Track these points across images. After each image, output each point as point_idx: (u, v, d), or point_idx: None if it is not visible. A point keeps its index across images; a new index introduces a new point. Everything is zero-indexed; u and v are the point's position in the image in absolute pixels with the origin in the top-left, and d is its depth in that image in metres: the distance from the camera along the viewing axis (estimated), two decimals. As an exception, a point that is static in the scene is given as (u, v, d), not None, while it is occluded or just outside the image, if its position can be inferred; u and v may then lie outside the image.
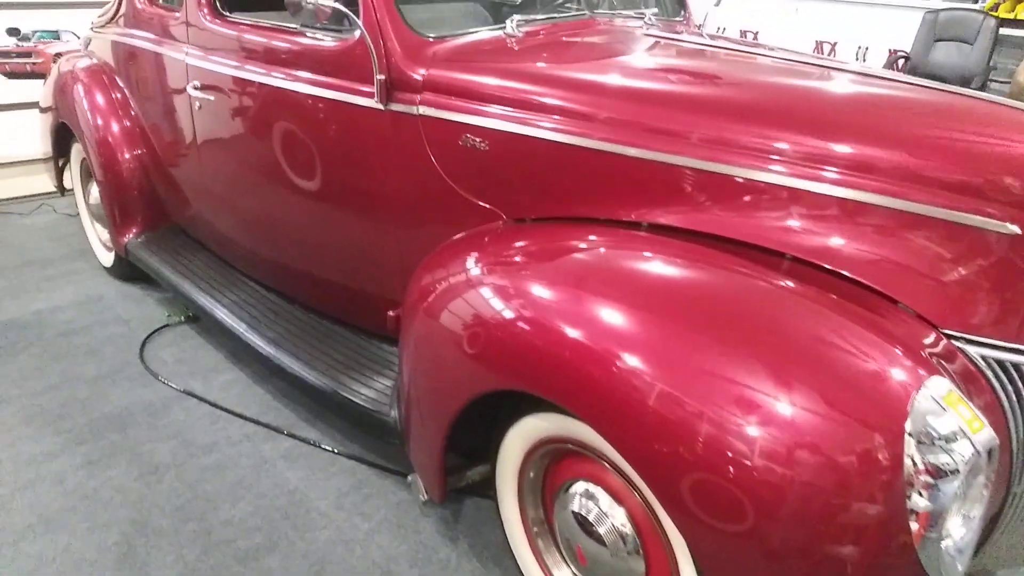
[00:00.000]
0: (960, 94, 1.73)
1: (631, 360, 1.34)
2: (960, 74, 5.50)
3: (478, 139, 1.89)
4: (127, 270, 3.46)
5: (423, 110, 1.96)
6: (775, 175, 1.56)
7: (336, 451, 2.39)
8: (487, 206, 1.94)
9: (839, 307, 1.39)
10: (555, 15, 2.33)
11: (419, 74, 1.97)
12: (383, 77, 1.98)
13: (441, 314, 1.73)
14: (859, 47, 6.16)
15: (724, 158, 1.60)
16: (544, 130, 1.79)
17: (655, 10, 2.55)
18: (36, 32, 4.66)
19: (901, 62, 5.78)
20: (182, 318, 3.20)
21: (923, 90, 1.78)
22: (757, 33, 6.66)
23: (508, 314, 1.55)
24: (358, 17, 1.97)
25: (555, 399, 1.45)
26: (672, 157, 1.65)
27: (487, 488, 1.90)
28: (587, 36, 2.23)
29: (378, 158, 2.09)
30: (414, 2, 2.06)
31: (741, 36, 6.72)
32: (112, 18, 3.22)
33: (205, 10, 2.51)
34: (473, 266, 1.76)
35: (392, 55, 1.98)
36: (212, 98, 2.53)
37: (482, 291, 1.64)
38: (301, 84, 2.19)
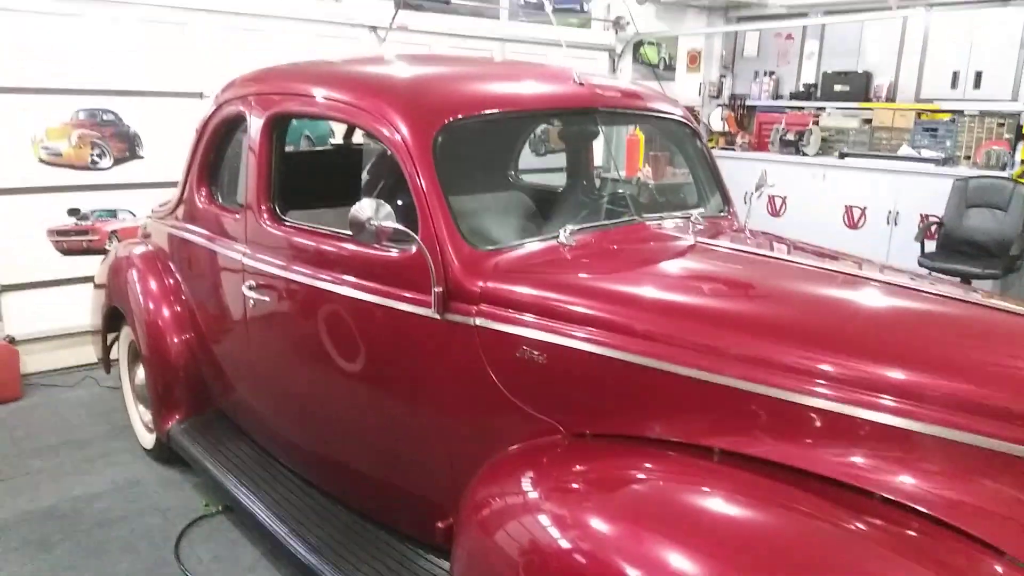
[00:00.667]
0: (997, 308, 1.72)
1: None
2: (997, 239, 5.52)
3: (535, 351, 1.87)
4: (167, 453, 3.42)
5: (480, 321, 1.96)
6: (821, 399, 1.52)
7: (381, 672, 2.23)
8: (545, 419, 1.89)
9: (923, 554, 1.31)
10: (606, 222, 2.37)
11: (476, 287, 1.98)
12: (440, 289, 2.00)
13: (497, 533, 1.67)
14: (889, 211, 6.24)
15: (767, 379, 1.57)
16: (596, 344, 1.77)
17: (701, 210, 2.60)
18: (95, 212, 4.88)
19: (934, 227, 5.83)
20: (220, 508, 3.12)
21: (958, 304, 1.77)
22: (785, 198, 6.80)
23: (566, 546, 1.52)
24: (416, 231, 2.01)
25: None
26: (716, 377, 1.63)
27: None
28: (636, 245, 2.26)
29: (433, 365, 2.08)
30: (470, 215, 2.11)
31: (770, 203, 6.86)
32: (172, 211, 3.35)
33: (265, 215, 2.60)
34: (532, 488, 1.72)
35: (450, 268, 2.01)
36: (267, 298, 2.57)
37: (541, 518, 1.61)
38: (358, 291, 2.21)
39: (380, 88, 2.35)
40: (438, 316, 2.02)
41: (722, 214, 2.73)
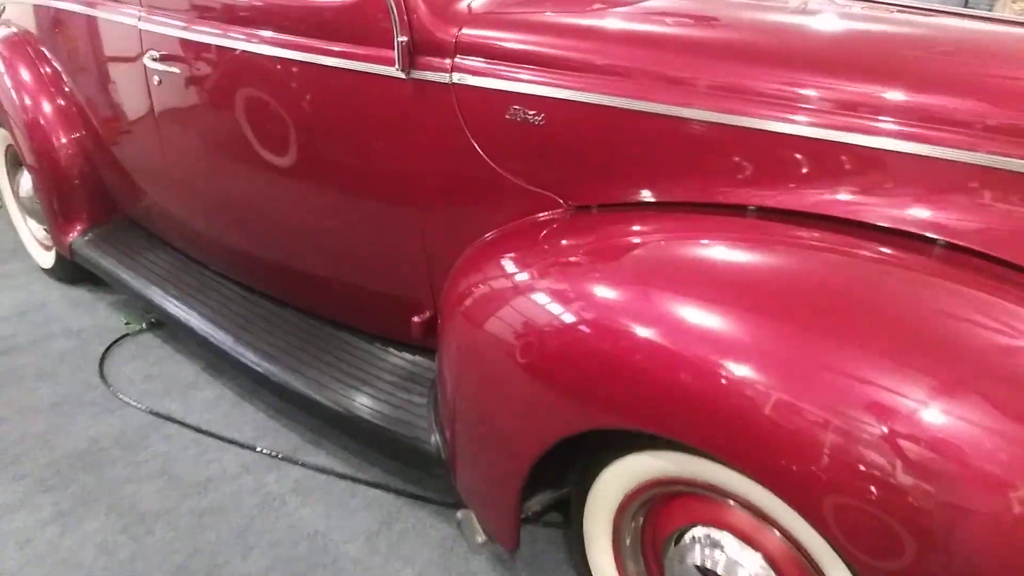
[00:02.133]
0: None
1: (764, 378, 1.09)
2: None
3: (531, 111, 1.56)
4: (70, 272, 3.02)
5: (457, 78, 1.61)
6: (823, 130, 1.32)
7: (356, 479, 2.06)
8: (541, 191, 1.62)
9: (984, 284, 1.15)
10: None
11: (451, 35, 1.62)
12: (405, 39, 1.62)
13: (489, 320, 1.44)
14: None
15: (786, 114, 1.35)
16: (616, 96, 1.47)
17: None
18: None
19: None
20: (143, 325, 2.80)
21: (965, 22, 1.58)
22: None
23: (601, 330, 1.26)
24: None
25: (680, 437, 1.17)
26: (734, 118, 1.39)
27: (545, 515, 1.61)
28: None
29: (398, 136, 1.74)
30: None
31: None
32: (34, -23, 2.73)
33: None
34: (530, 266, 1.46)
35: (415, 12, 1.63)
36: (177, 70, 2.11)
37: (538, 295, 1.38)
38: (296, 51, 1.81)
39: None
40: (403, 75, 1.66)
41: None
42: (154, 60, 2.15)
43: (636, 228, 1.47)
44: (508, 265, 1.53)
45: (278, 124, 1.93)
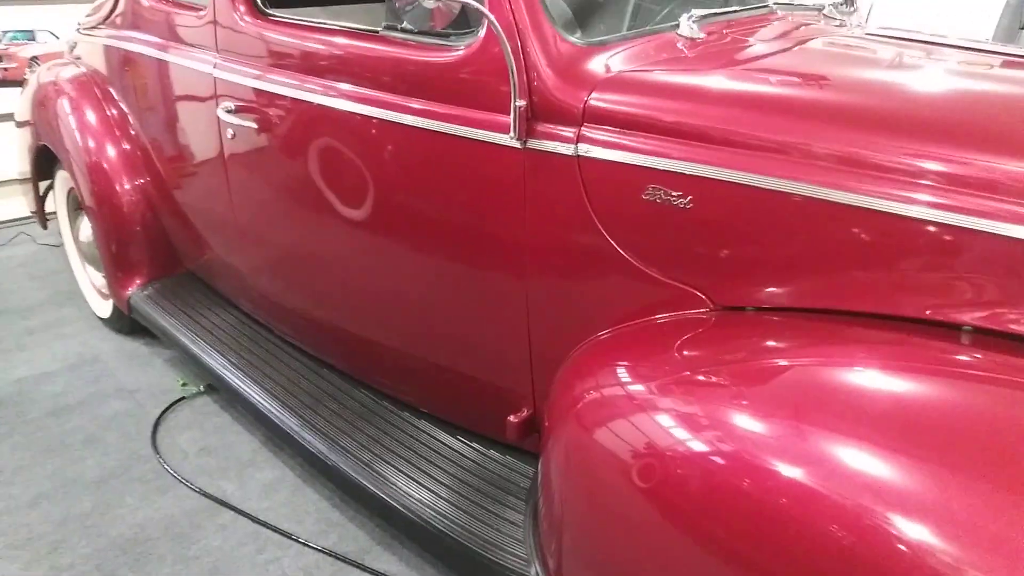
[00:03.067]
0: None
1: (944, 541, 0.87)
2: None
3: (675, 192, 1.30)
4: (127, 322, 2.84)
5: (584, 149, 1.37)
6: None
7: (433, 595, 1.79)
8: (679, 285, 1.35)
9: None
10: (734, 8, 1.73)
11: (579, 99, 1.37)
12: (523, 104, 1.38)
13: (624, 446, 1.20)
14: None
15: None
16: (789, 180, 1.21)
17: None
18: (7, 32, 4.00)
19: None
20: (200, 388, 2.59)
21: None
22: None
23: (749, 467, 1.02)
24: (479, 23, 1.36)
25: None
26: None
27: None
28: (783, 39, 1.65)
29: (506, 209, 1.50)
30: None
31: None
32: (106, 18, 2.59)
33: (241, 8, 1.89)
34: (676, 375, 1.23)
35: (536, 71, 1.39)
36: (253, 124, 1.91)
37: (695, 421, 1.11)
38: (393, 112, 1.58)
39: None
40: (518, 144, 1.42)
41: (851, 9, 2.10)
42: (228, 112, 1.95)
43: (798, 342, 1.21)
44: (635, 372, 1.28)
45: (366, 187, 1.71)
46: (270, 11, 1.88)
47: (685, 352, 1.30)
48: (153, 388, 2.62)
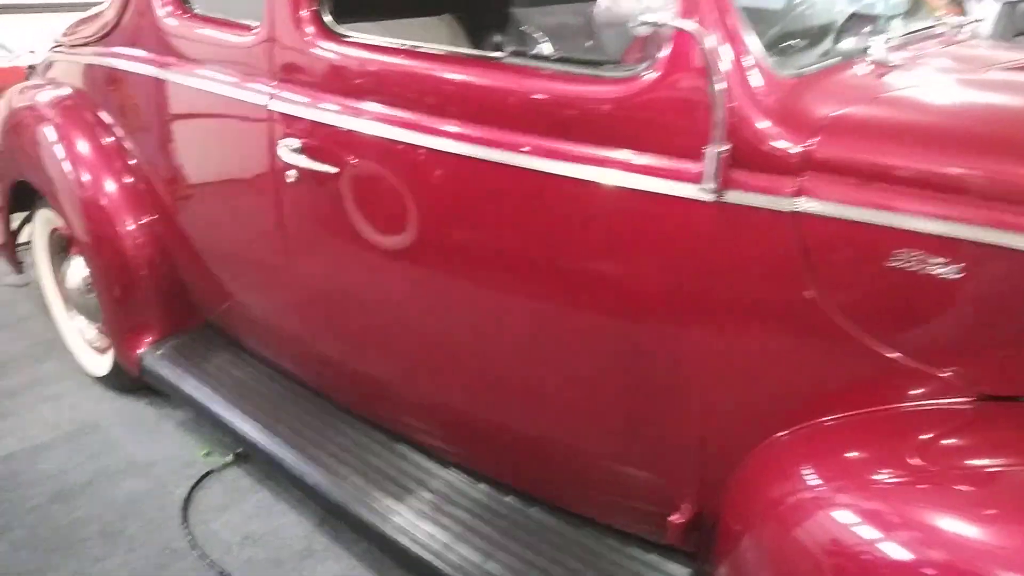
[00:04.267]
0: None
1: None
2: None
3: (938, 259, 1.05)
4: (127, 379, 2.47)
5: (806, 205, 1.11)
6: None
7: None
8: (930, 370, 1.12)
9: None
10: (916, 29, 1.50)
11: (799, 143, 1.12)
12: (724, 149, 1.12)
13: (815, 544, 1.00)
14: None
15: None
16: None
17: (980, 17, 1.76)
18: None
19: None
20: (229, 457, 2.25)
21: None
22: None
23: None
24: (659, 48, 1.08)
25: None
26: None
27: None
28: (980, 60, 1.43)
29: (687, 276, 1.24)
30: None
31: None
32: (103, 34, 2.22)
33: (309, 28, 1.57)
34: (926, 480, 1.02)
35: (743, 110, 1.13)
36: (327, 168, 1.59)
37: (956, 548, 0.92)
38: (529, 157, 1.30)
39: None
40: (710, 196, 1.16)
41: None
42: (293, 151, 1.62)
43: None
44: (868, 471, 1.06)
45: (485, 243, 1.42)
46: (343, 31, 1.56)
47: (938, 450, 1.08)
48: (171, 460, 2.27)
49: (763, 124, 1.13)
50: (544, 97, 1.29)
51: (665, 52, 1.09)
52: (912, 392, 1.14)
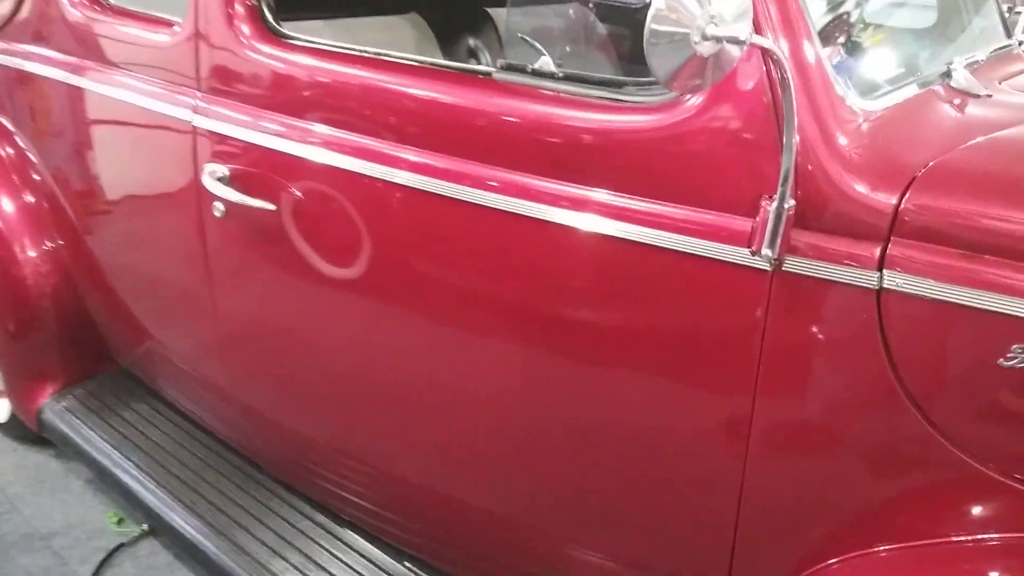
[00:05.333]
0: None
1: None
2: None
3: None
4: (28, 430, 2.10)
5: (896, 280, 0.85)
6: None
7: None
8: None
9: None
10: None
11: (885, 202, 0.87)
12: (790, 205, 0.86)
13: None
14: None
15: None
16: None
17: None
18: None
19: None
20: (144, 527, 1.90)
21: None
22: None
23: None
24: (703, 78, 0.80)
25: None
26: None
27: None
28: None
29: (727, 362, 0.97)
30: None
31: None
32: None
33: (244, 26, 1.26)
34: None
35: (818, 154, 0.87)
36: (263, 204, 1.27)
37: None
38: (536, 204, 1.02)
39: None
40: (766, 264, 0.89)
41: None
42: (219, 180, 1.30)
43: None
44: None
45: (470, 301, 1.14)
46: (286, 31, 1.26)
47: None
48: (76, 529, 1.91)
49: (840, 173, 0.87)
50: (549, 127, 1.01)
51: (718, 75, 0.81)
52: (1009, 521, 0.89)
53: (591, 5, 1.13)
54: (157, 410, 1.88)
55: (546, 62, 1.01)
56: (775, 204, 0.86)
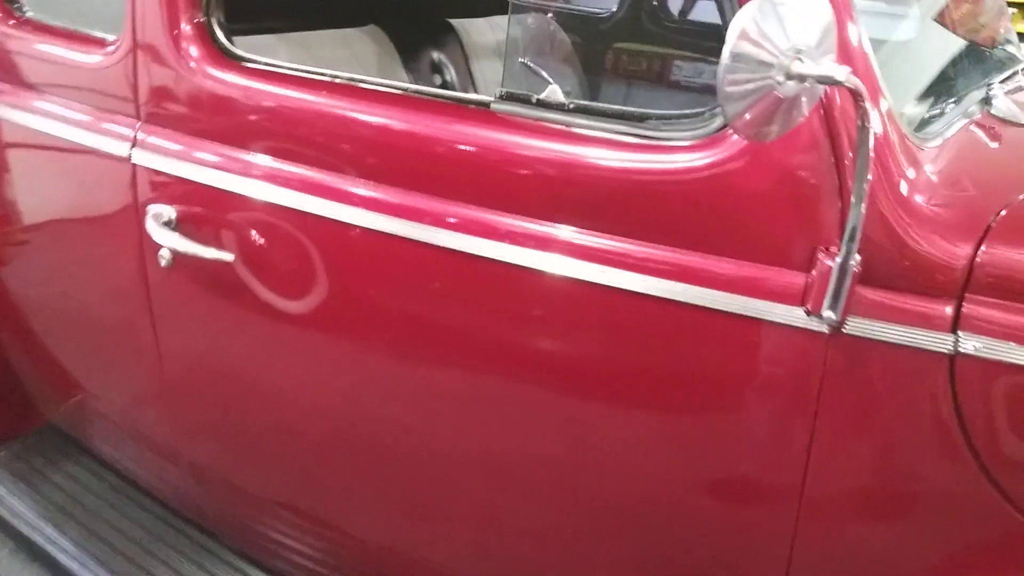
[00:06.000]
0: None
1: None
2: None
3: None
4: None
5: (973, 344, 0.75)
6: None
7: None
8: None
9: None
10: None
11: (958, 256, 0.76)
12: (854, 262, 0.74)
13: None
14: None
15: None
16: None
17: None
18: None
19: None
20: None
21: None
22: None
23: None
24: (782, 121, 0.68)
25: None
26: None
27: None
28: None
29: (775, 436, 0.85)
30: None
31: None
32: None
33: (190, 45, 1.09)
34: None
35: (885, 202, 0.76)
36: (215, 255, 1.10)
37: None
38: (546, 254, 0.88)
39: None
40: (822, 326, 0.78)
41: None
42: (165, 225, 1.12)
43: None
44: None
45: (468, 362, 1.00)
46: (238, 50, 1.09)
47: None
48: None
49: (908, 223, 0.76)
50: (560, 167, 0.87)
51: (796, 119, 0.68)
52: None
53: (603, 28, 1.00)
54: (95, 472, 1.67)
55: (554, 91, 0.88)
56: (840, 260, 0.74)
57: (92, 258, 1.35)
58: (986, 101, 0.97)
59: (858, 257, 0.74)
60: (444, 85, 1.78)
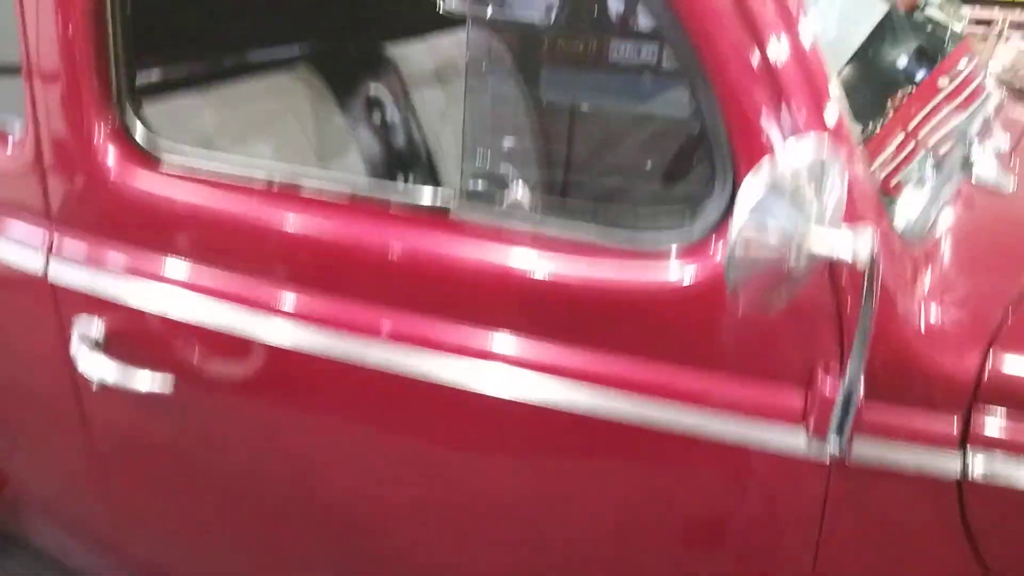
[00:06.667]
0: None
1: None
2: None
3: None
4: None
5: (986, 469, 0.71)
6: None
7: None
8: None
9: None
10: None
11: (965, 367, 0.71)
12: (859, 390, 0.69)
13: None
14: None
15: None
16: None
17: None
18: None
19: None
20: None
21: None
22: None
23: None
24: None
25: None
26: None
27: None
28: None
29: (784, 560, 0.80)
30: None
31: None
32: None
33: (111, 143, 0.96)
34: None
35: (889, 314, 0.71)
36: (156, 384, 0.98)
37: None
38: (513, 368, 0.81)
39: None
40: (822, 456, 0.73)
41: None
42: (95, 348, 1.00)
43: None
44: None
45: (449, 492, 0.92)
46: (165, 156, 0.96)
47: None
48: None
49: (910, 336, 0.71)
50: (549, 288, 0.79)
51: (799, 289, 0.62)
52: None
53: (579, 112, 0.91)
54: (26, 566, 1.54)
55: (520, 192, 0.80)
56: (844, 387, 0.68)
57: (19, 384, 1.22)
58: (966, 163, 0.92)
59: (854, 392, 0.69)
60: (383, 124, 1.67)
